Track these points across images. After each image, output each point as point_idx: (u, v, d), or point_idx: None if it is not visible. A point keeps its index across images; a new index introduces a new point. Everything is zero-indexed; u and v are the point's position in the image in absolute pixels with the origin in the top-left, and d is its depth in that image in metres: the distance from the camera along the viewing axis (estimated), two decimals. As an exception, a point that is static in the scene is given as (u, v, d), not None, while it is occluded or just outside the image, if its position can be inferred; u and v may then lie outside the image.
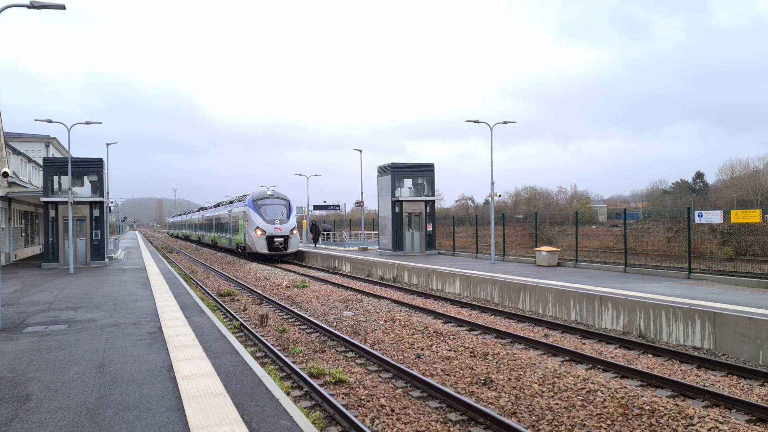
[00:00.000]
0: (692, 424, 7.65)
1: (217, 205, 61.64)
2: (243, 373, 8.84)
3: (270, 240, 39.33)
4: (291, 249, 40.32)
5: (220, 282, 28.00)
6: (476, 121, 28.61)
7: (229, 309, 18.76)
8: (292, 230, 40.22)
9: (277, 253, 39.97)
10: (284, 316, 17.85)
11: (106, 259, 31.65)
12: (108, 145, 37.47)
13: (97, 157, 31.19)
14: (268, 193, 42.18)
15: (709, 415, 8.03)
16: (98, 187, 30.88)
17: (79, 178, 30.36)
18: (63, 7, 17.99)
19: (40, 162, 37.83)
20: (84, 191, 30.58)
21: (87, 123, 29.96)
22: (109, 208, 37.84)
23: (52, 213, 29.85)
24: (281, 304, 19.66)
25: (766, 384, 10.12)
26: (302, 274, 31.12)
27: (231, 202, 51.04)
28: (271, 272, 31.69)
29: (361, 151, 47.78)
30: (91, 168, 30.77)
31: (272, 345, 13.46)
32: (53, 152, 54.54)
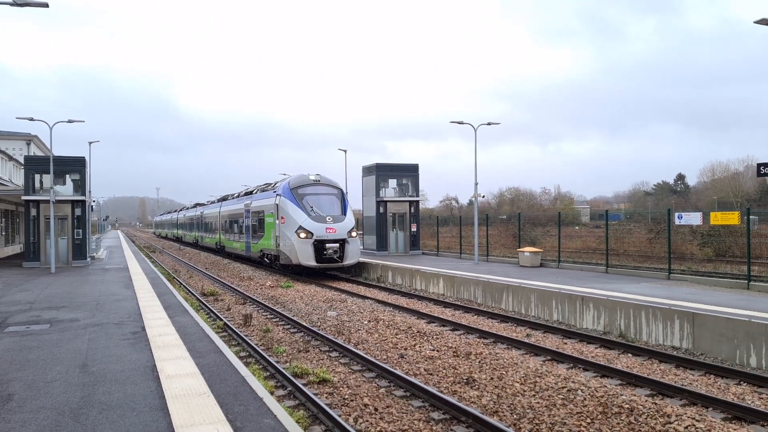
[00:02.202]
0: (670, 422, 7.80)
1: (224, 199, 48.55)
2: (227, 372, 8.87)
3: (320, 246, 26.59)
4: (350, 260, 27.26)
5: (203, 282, 27.89)
6: (461, 122, 28.76)
7: (212, 309, 18.71)
8: (350, 232, 27.25)
9: (330, 266, 27.25)
10: (268, 316, 17.85)
11: (88, 259, 31.40)
12: (90, 143, 37.18)
13: (80, 156, 30.94)
14: (312, 177, 28.98)
15: (686, 414, 8.18)
16: (80, 186, 30.63)
17: (61, 176, 30.10)
18: (46, 5, 17.87)
19: (21, 160, 37.45)
20: (66, 190, 30.31)
21: (70, 121, 29.72)
22: (91, 207, 37.51)
23: (33, 212, 29.55)
24: (265, 304, 19.64)
25: (742, 383, 10.32)
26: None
27: (249, 193, 38.02)
28: (254, 272, 31.64)
29: (345, 151, 47.59)
30: (74, 166, 30.50)
31: (256, 345, 13.47)
32: (34, 150, 53.97)
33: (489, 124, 29.29)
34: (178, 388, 7.94)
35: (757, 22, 15.78)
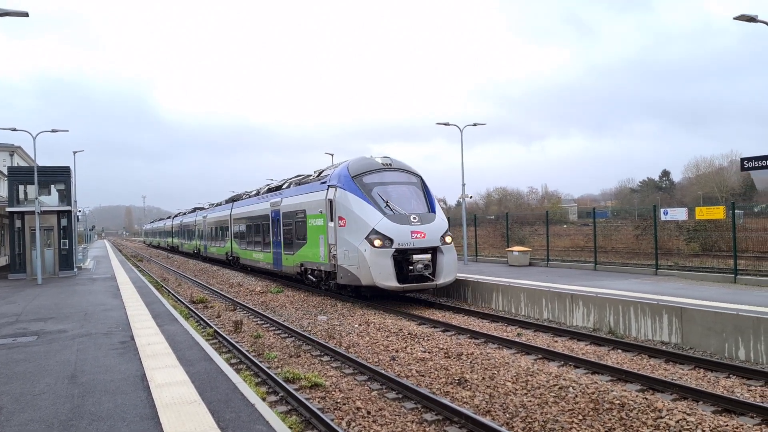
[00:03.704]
0: (661, 417, 7.85)
1: (234, 199, 39.32)
2: (218, 379, 8.82)
3: (402, 258, 18.55)
4: (445, 277, 18.98)
5: (192, 289, 27.73)
6: (446, 124, 28.85)
7: (202, 316, 18.60)
8: (444, 236, 19.19)
9: (418, 287, 18.89)
10: (259, 322, 17.78)
11: (75, 269, 31.16)
12: (75, 153, 36.94)
13: (64, 165, 30.72)
14: (379, 160, 20.86)
15: (677, 408, 8.23)
16: (65, 196, 30.39)
17: (46, 186, 29.87)
18: (26, 14, 17.73)
19: (5, 171, 37.11)
20: (51, 200, 30.09)
21: (54, 131, 29.51)
22: (77, 217, 37.24)
23: (18, 223, 29.29)
24: (255, 309, 19.56)
25: (731, 376, 10.40)
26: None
27: (277, 188, 28.98)
28: (244, 278, 31.47)
29: (332, 155, 47.62)
30: (58, 176, 30.28)
31: (247, 351, 13.40)
32: (18, 161, 53.47)
33: (475, 125, 29.41)
34: (169, 397, 7.88)
35: (736, 18, 15.97)
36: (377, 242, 18.23)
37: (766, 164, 15.91)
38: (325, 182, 21.45)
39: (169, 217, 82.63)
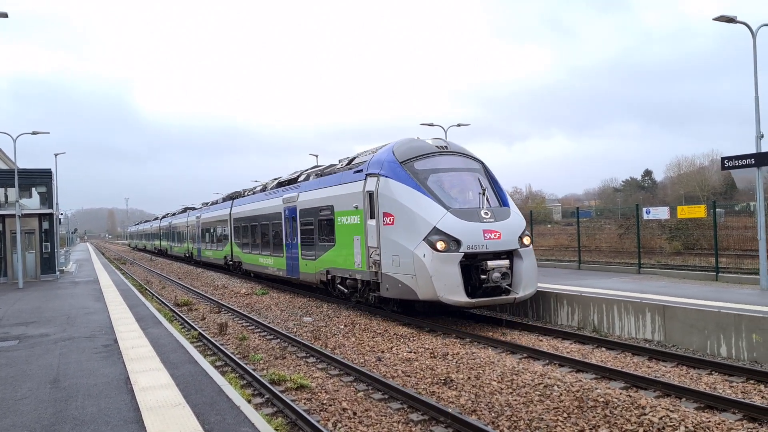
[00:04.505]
0: (644, 414, 7.92)
1: (234, 196, 34.92)
2: (203, 382, 8.78)
3: (471, 266, 14.80)
4: (525, 288, 15.09)
5: (176, 292, 27.55)
6: (431, 124, 28.93)
7: (186, 319, 18.50)
8: (522, 237, 15.37)
9: (493, 301, 15.04)
10: (244, 324, 17.70)
11: (57, 272, 30.85)
12: (57, 155, 36.58)
13: (45, 168, 30.43)
14: (431, 142, 17.08)
15: (660, 405, 8.32)
16: (47, 199, 30.08)
17: (27, 189, 29.56)
18: (5, 15, 17.54)
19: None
20: (32, 203, 29.77)
21: (34, 133, 29.19)
22: (59, 219, 36.86)
23: (-2, 226, 28.93)
24: (241, 312, 19.48)
25: (713, 373, 10.52)
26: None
27: (291, 181, 24.72)
28: (229, 280, 31.32)
29: (317, 156, 47.57)
30: (40, 179, 29.97)
31: (232, 353, 13.34)
32: (-2, 164, 52.82)
33: (459, 125, 29.53)
34: (153, 400, 7.83)
35: (716, 19, 16.16)
36: (440, 245, 14.26)
37: (746, 163, 16.11)
38: (360, 171, 17.44)
39: (156, 219, 77.71)
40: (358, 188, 17.28)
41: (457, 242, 14.37)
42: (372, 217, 16.38)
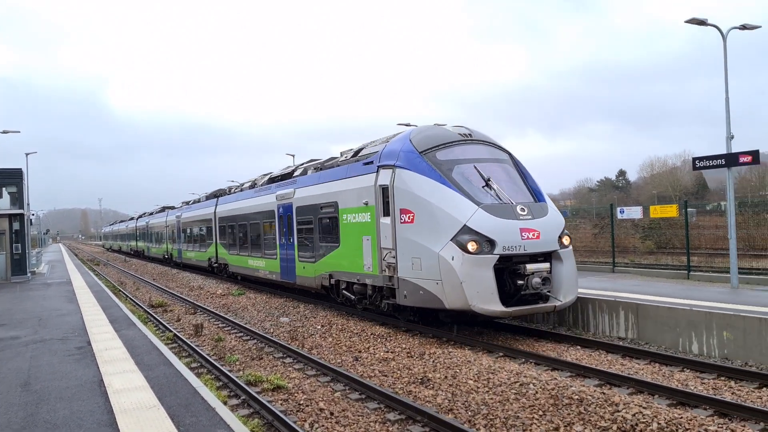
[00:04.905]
0: (618, 411, 8.02)
1: (218, 194, 33.02)
2: (178, 384, 8.69)
3: (506, 269, 12.99)
4: (566, 294, 13.29)
5: (151, 293, 27.24)
6: (407, 124, 28.96)
7: (161, 320, 18.30)
8: (561, 236, 13.69)
9: (532, 310, 13.22)
10: (220, 325, 17.57)
11: (29, 274, 30.30)
12: (27, 155, 35.98)
13: (16, 168, 29.87)
14: (453, 130, 15.42)
15: (633, 401, 8.43)
16: (18, 199, 29.54)
17: (-3, 189, 28.98)
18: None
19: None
20: (2, 203, 29.21)
21: (5, 132, 28.66)
22: (30, 220, 36.23)
23: (-33, 227, 28.34)
24: (217, 312, 19.33)
25: (685, 369, 10.70)
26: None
27: (284, 177, 22.91)
28: (205, 281, 31.04)
29: (294, 155, 47.36)
30: (10, 179, 29.41)
31: (208, 355, 13.24)
32: (-33, 163, 51.80)
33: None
34: (127, 402, 7.74)
35: (687, 22, 16.42)
36: (471, 245, 12.42)
37: (717, 164, 16.41)
38: (371, 162, 15.60)
39: (131, 219, 74.41)
40: (368, 182, 15.41)
41: (491, 243, 12.61)
42: (386, 214, 14.55)
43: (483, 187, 13.63)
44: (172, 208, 46.97)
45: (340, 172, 17.40)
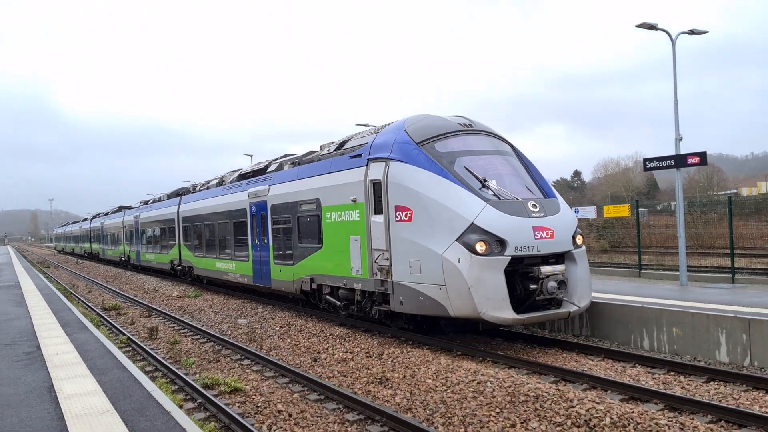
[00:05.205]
0: (572, 407, 8.18)
1: (181, 193, 31.78)
2: (131, 388, 8.52)
3: (516, 272, 11.88)
4: (581, 299, 12.26)
5: (104, 296, 26.61)
6: (366, 125, 28.98)
7: (115, 323, 17.90)
8: (575, 236, 12.67)
9: (546, 317, 12.17)
10: (176, 328, 17.27)
11: (-25, 277, 29.22)
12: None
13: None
14: (453, 119, 14.17)
15: (587, 397, 8.61)
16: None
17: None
18: None
19: None
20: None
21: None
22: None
23: None
24: (172, 315, 19.00)
25: (636, 365, 10.97)
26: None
27: (260, 172, 21.17)
28: (160, 283, 30.48)
29: (251, 156, 46.87)
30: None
31: (163, 358, 13.00)
32: None
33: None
34: (79, 408, 7.55)
35: (638, 26, 16.85)
36: (480, 246, 11.31)
37: (666, 165, 16.88)
38: (359, 156, 14.34)
39: (85, 219, 71.30)
40: (356, 177, 14.15)
41: (501, 243, 11.48)
42: (378, 212, 13.32)
43: (489, 181, 12.47)
44: (130, 207, 45.15)
45: (323, 167, 16.05)
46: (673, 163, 16.67)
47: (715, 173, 74.72)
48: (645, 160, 18.00)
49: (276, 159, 20.96)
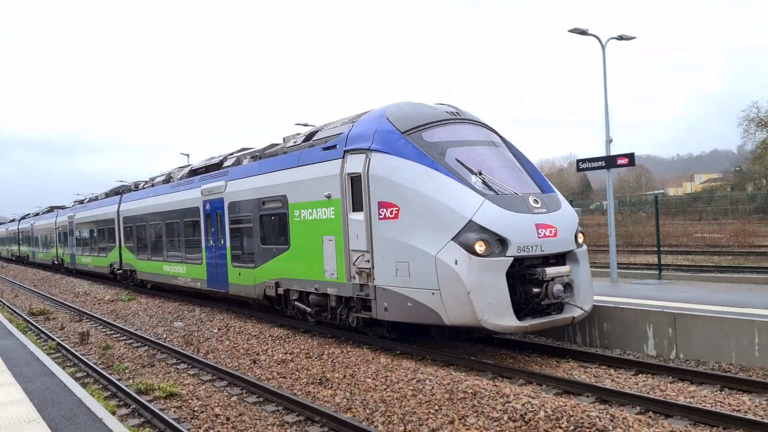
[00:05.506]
0: (509, 402, 8.36)
1: (122, 192, 29.37)
2: (61, 395, 8.21)
3: (518, 274, 10.79)
4: (584, 301, 11.32)
5: (31, 300, 25.53)
6: (305, 124, 28.82)
7: (43, 329, 17.19)
8: (578, 234, 11.72)
9: (551, 323, 11.03)
10: (108, 332, 16.73)
11: None
12: None
13: None
14: (439, 107, 13.09)
15: (523, 392, 8.82)
16: None
17: None
18: None
19: None
20: None
21: None
22: None
23: None
24: (104, 319, 18.40)
25: (570, 360, 11.30)
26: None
27: (214, 167, 19.56)
28: (91, 287, 29.44)
29: (188, 155, 45.82)
30: None
31: (95, 364, 12.59)
32: None
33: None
34: (3, 418, 7.22)
35: (570, 31, 17.37)
36: (480, 246, 10.25)
37: (598, 165, 17.44)
38: (334, 146, 13.08)
39: (12, 220, 67.50)
40: (331, 170, 12.89)
41: (502, 242, 10.43)
42: (357, 209, 12.12)
43: (484, 174, 11.37)
44: (63, 207, 42.47)
45: (290, 160, 14.68)
46: (603, 164, 17.22)
47: (643, 174, 77.97)
48: (578, 161, 18.54)
49: (232, 153, 19.33)
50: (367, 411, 8.73)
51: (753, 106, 50.82)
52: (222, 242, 17.77)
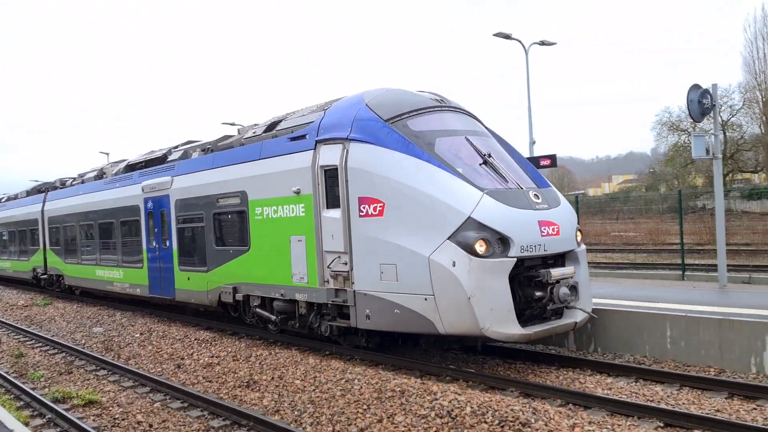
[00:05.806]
0: (436, 399, 8.49)
1: (47, 190, 26.25)
2: (-32, 407, 7.76)
3: (519, 276, 9.80)
4: (586, 303, 10.39)
5: (-64, 307, 23.93)
6: (232, 124, 28.36)
7: (-52, 337, 16.18)
8: (578, 232, 10.82)
9: (555, 329, 10.29)
10: (21, 339, 15.93)
11: None
12: None
13: None
14: (423, 94, 11.98)
15: (450, 389, 8.97)
16: None
17: None
18: None
19: None
20: None
21: None
22: None
23: None
24: (17, 326, 17.50)
25: (495, 357, 11.57)
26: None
27: (158, 161, 17.81)
28: (3, 291, 27.90)
29: (108, 153, 44.16)
30: None
31: (6, 372, 11.95)
32: None
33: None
34: None
35: (495, 35, 17.80)
36: (481, 246, 9.25)
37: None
38: (303, 136, 11.81)
39: None
40: (300, 163, 11.60)
41: (504, 241, 9.45)
42: (333, 205, 10.93)
43: (480, 165, 10.38)
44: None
45: (249, 153, 13.30)
46: (527, 166, 17.72)
47: (565, 175, 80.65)
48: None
49: (177, 146, 17.60)
50: (296, 412, 8.68)
51: (665, 111, 53.44)
52: (167, 244, 16.16)
